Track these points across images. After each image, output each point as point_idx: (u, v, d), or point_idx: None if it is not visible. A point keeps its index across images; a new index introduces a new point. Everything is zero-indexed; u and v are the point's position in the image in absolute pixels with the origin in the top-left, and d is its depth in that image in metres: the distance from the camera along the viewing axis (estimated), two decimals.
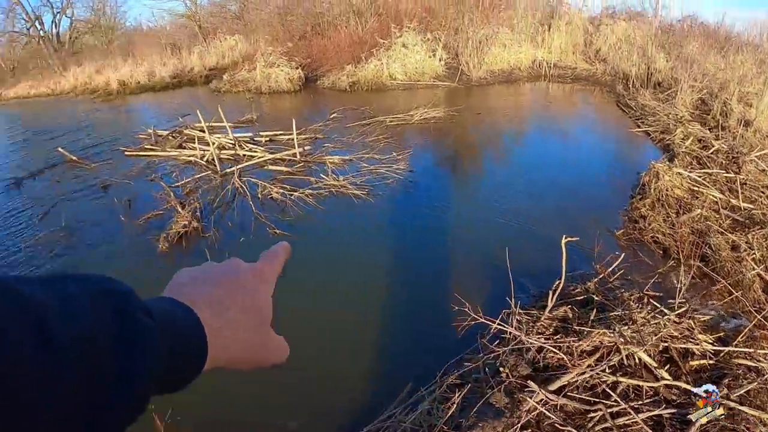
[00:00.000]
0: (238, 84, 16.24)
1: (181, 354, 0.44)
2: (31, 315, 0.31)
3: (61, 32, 40.33)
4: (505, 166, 6.78)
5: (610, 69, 11.91)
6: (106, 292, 0.38)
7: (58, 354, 0.31)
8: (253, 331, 0.53)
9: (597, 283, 3.39)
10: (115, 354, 0.35)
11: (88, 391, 0.33)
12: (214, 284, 0.53)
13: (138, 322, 0.38)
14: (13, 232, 6.82)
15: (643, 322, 2.64)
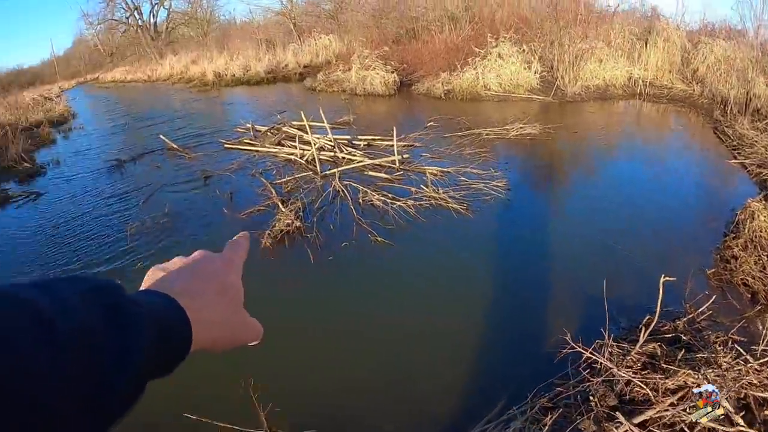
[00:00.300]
0: (333, 84, 16.53)
1: (169, 338, 0.47)
2: (31, 314, 0.34)
3: (158, 22, 42.52)
4: (599, 189, 6.77)
5: (707, 92, 11.41)
6: (94, 288, 0.42)
7: (60, 347, 0.34)
8: (229, 312, 0.58)
9: (686, 322, 3.51)
10: (110, 341, 0.39)
11: (90, 378, 0.36)
12: (188, 273, 0.58)
13: (127, 311, 0.42)
14: (118, 215, 7.35)
15: (727, 367, 2.85)
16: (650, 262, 4.62)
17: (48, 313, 0.35)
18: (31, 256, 6.34)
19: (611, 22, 14.41)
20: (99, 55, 47.42)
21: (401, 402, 3.34)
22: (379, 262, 5.14)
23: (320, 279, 4.95)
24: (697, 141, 9.00)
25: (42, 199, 8.95)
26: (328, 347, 3.98)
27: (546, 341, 3.60)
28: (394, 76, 15.33)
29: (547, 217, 6.01)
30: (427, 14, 18.30)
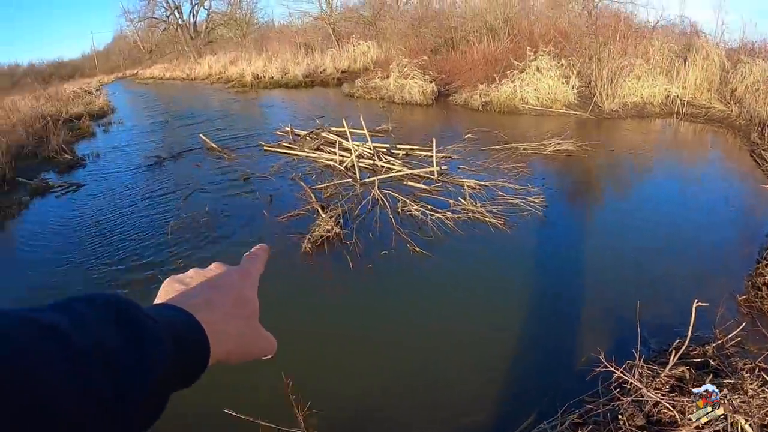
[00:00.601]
0: (371, 91, 16.63)
1: (186, 352, 0.47)
2: (52, 334, 0.35)
3: (197, 22, 43.20)
4: (634, 209, 6.81)
5: (745, 113, 11.22)
6: (109, 304, 0.42)
7: (82, 362, 0.35)
8: (244, 326, 0.58)
9: (715, 348, 3.61)
10: (128, 356, 0.39)
11: (110, 392, 0.37)
12: (204, 286, 0.58)
13: (143, 326, 0.42)
14: (158, 212, 7.60)
15: (753, 394, 2.98)
16: (682, 284, 4.70)
17: (66, 331, 0.36)
18: (72, 248, 6.61)
19: (650, 38, 14.26)
20: (138, 51, 48.37)
21: (434, 409, 3.48)
22: (417, 272, 5.29)
23: (359, 286, 5.13)
24: (733, 163, 8.94)
25: (82, 191, 9.31)
26: (365, 352, 4.15)
27: (578, 358, 3.74)
28: (432, 86, 15.31)
29: (582, 235, 6.08)
30: (466, 25, 18.33)
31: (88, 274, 5.76)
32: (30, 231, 7.48)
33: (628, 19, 15.39)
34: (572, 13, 18.63)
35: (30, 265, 6.28)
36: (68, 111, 17.64)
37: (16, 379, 0.31)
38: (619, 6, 18.25)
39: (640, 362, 3.37)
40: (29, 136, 12.82)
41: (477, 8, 18.83)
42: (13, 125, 13.27)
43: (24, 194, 9.22)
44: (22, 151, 12.00)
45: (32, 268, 6.21)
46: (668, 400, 3.05)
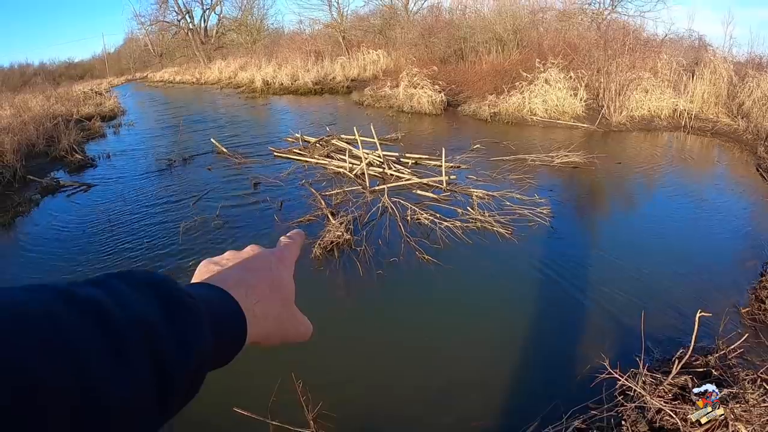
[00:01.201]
0: (381, 99, 16.66)
1: (224, 330, 0.47)
2: (91, 309, 0.34)
3: (208, 27, 43.49)
4: (640, 221, 6.88)
5: (752, 127, 11.24)
6: (148, 282, 0.42)
7: (122, 338, 0.34)
8: (281, 308, 0.58)
9: (717, 358, 3.65)
10: (168, 331, 0.39)
11: (151, 371, 0.36)
12: (241, 268, 0.58)
13: (183, 303, 0.42)
14: (169, 214, 7.66)
15: (754, 403, 3.04)
16: (686, 295, 4.74)
17: (105, 306, 0.35)
18: (82, 248, 6.69)
19: (659, 51, 14.33)
20: (148, 54, 48.76)
21: (439, 413, 3.54)
22: (425, 279, 5.34)
23: (369, 292, 5.18)
24: (739, 178, 8.96)
25: (93, 191, 9.38)
26: (373, 356, 4.20)
27: (582, 366, 3.77)
28: (442, 96, 15.35)
29: (588, 246, 6.12)
30: (476, 35, 18.42)
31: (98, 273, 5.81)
32: (40, 229, 7.58)
33: (636, 32, 15.49)
34: (581, 26, 18.78)
35: (39, 263, 6.36)
36: (79, 111, 17.81)
37: (56, 356, 0.30)
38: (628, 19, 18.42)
39: (643, 370, 3.42)
40: (40, 135, 12.92)
41: (487, 19, 18.96)
42: (24, 123, 13.35)
43: (34, 192, 9.30)
44: (32, 149, 12.11)
45: (41, 265, 6.29)
46: (671, 407, 3.10)
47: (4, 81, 36.26)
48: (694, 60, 14.18)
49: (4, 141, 10.69)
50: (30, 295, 0.32)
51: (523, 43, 17.00)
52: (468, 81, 16.22)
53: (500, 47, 17.25)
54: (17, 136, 11.53)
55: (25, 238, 7.29)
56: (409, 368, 4.03)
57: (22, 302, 0.31)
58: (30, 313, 0.31)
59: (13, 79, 41.51)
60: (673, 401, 3.22)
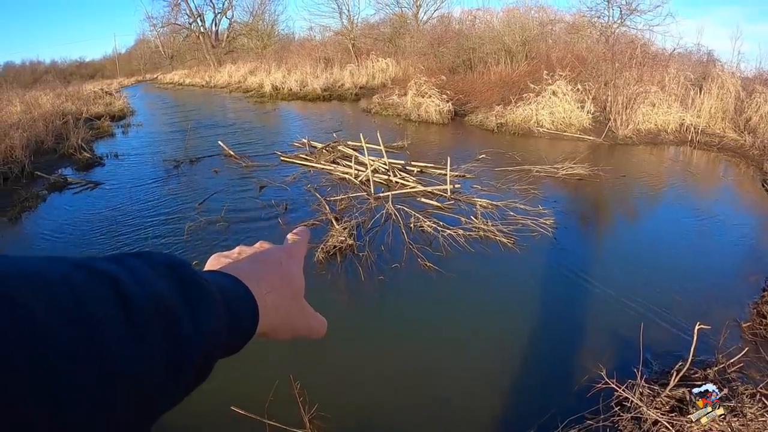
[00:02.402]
0: (388, 107, 16.68)
1: (236, 316, 0.47)
2: (109, 283, 0.34)
3: (219, 31, 43.66)
4: (643, 234, 6.87)
5: (759, 143, 11.19)
6: (165, 263, 0.42)
7: (138, 313, 0.34)
8: (291, 302, 0.58)
9: (717, 372, 3.65)
10: (184, 312, 0.39)
11: (166, 347, 0.36)
12: (252, 260, 0.59)
13: (199, 284, 0.42)
14: (175, 214, 7.71)
15: (752, 417, 3.04)
16: (687, 309, 4.72)
17: (124, 280, 0.35)
18: (88, 244, 6.75)
19: (666, 65, 14.32)
20: (159, 56, 48.99)
21: (436, 420, 3.55)
22: (426, 286, 5.35)
23: (370, 296, 5.21)
24: (744, 193, 8.95)
25: (100, 189, 9.48)
26: (372, 360, 4.22)
27: (580, 376, 3.77)
28: (449, 106, 15.32)
29: (590, 258, 6.11)
30: (485, 46, 18.44)
31: None
32: (46, 224, 7.65)
33: (645, 46, 15.49)
34: (590, 39, 18.81)
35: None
36: (88, 110, 17.95)
37: (74, 321, 0.31)
38: (636, 33, 18.43)
39: (641, 381, 3.42)
40: (49, 132, 13.06)
41: (496, 30, 19.00)
42: (33, 120, 13.48)
43: (42, 188, 9.38)
44: (41, 146, 12.26)
45: None
46: (668, 419, 3.11)
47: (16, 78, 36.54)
48: (701, 75, 14.15)
49: (13, 137, 10.82)
50: (49, 263, 0.33)
51: (532, 55, 17.03)
52: (476, 91, 16.21)
53: (509, 58, 17.28)
54: (27, 133, 11.67)
55: (31, 232, 7.36)
56: (406, 373, 4.03)
57: (41, 269, 0.32)
58: (48, 279, 0.31)
59: (24, 76, 41.90)
60: (670, 413, 3.22)
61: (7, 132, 11.05)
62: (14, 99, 16.96)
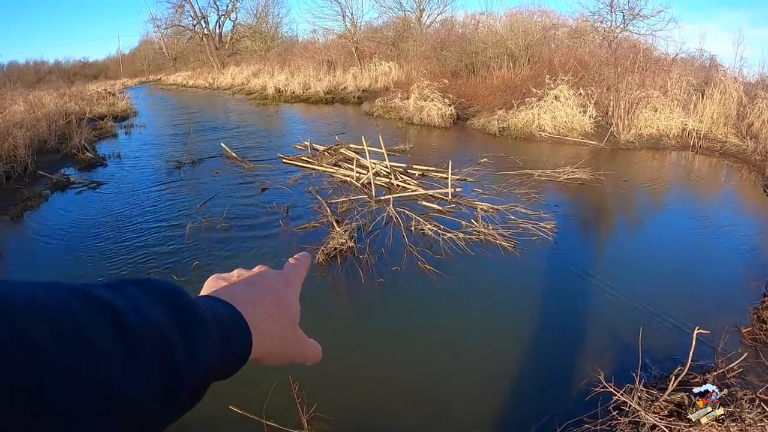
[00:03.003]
0: (391, 110, 16.69)
1: (229, 343, 0.48)
2: (106, 309, 0.35)
3: (223, 33, 43.67)
4: (644, 239, 6.86)
5: (761, 148, 11.17)
6: (160, 290, 0.43)
7: (134, 340, 0.35)
8: (286, 328, 0.59)
9: (716, 376, 3.65)
10: (180, 340, 0.40)
11: (161, 375, 0.37)
12: (248, 285, 0.59)
13: (194, 313, 0.43)
14: (176, 214, 7.73)
15: (750, 422, 3.04)
16: (687, 314, 4.71)
17: (120, 308, 0.36)
18: (89, 245, 6.72)
19: (669, 70, 14.33)
20: (163, 57, 49.08)
21: (433, 422, 3.56)
22: (426, 289, 5.35)
23: (369, 298, 5.21)
24: (746, 199, 8.94)
25: (102, 189, 9.50)
26: (370, 362, 4.22)
27: (579, 380, 3.77)
28: (451, 109, 15.35)
29: (590, 262, 6.08)
30: (487, 50, 18.43)
31: (103, 271, 5.87)
32: (48, 223, 7.67)
33: (647, 51, 15.49)
34: (593, 44, 18.80)
35: (46, 256, 6.46)
36: (92, 111, 18.02)
37: (71, 347, 0.31)
38: (639, 38, 18.43)
39: (639, 386, 3.42)
40: (52, 131, 13.10)
41: (499, 35, 18.99)
42: (37, 119, 13.52)
43: (44, 188, 9.41)
44: (44, 145, 12.30)
45: (48, 258, 6.39)
46: (666, 423, 3.11)
47: (20, 77, 36.58)
48: (704, 80, 14.15)
49: (16, 136, 10.82)
50: (47, 289, 0.33)
51: (534, 59, 17.03)
52: (478, 95, 16.26)
53: (511, 62, 17.29)
54: (30, 132, 11.70)
55: (33, 231, 7.35)
56: (405, 375, 4.04)
57: (39, 294, 0.32)
58: (46, 304, 0.32)
59: (28, 76, 41.96)
60: (669, 418, 3.22)
61: (11, 131, 11.06)
62: (18, 98, 17.03)
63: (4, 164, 10.05)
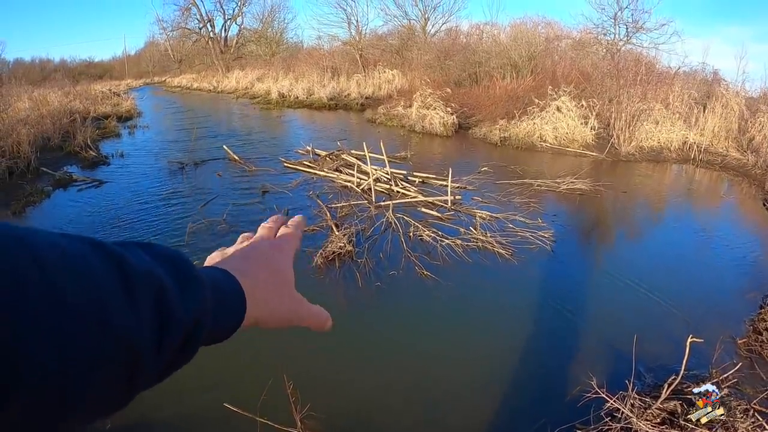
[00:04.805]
0: (393, 118, 16.76)
1: (224, 303, 0.51)
2: (114, 257, 0.39)
3: (229, 37, 43.89)
4: (641, 250, 6.87)
5: (761, 162, 11.21)
6: (163, 252, 0.47)
7: (134, 281, 0.39)
8: (280, 291, 0.61)
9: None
10: (174, 287, 0.43)
11: (155, 314, 0.41)
12: (240, 257, 0.63)
13: (189, 270, 0.47)
14: (177, 214, 7.78)
15: None
16: (683, 324, 4.73)
17: (125, 258, 0.40)
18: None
19: (671, 83, 14.40)
20: (168, 59, 49.17)
21: (427, 426, 3.57)
22: (422, 294, 5.37)
23: (366, 302, 5.21)
24: (745, 212, 8.97)
25: (104, 187, 9.55)
26: (366, 365, 4.23)
27: (572, 387, 3.78)
28: (453, 118, 15.40)
29: (587, 271, 6.13)
30: (491, 60, 18.53)
31: None
32: (50, 220, 7.72)
33: (650, 64, 15.54)
34: (596, 56, 18.88)
35: None
36: (96, 110, 18.13)
37: (85, 285, 0.36)
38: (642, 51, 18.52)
39: (632, 393, 3.44)
40: (56, 129, 13.17)
41: (503, 45, 19.10)
42: (41, 117, 13.59)
43: (47, 184, 9.46)
44: (48, 143, 12.38)
45: None
46: (658, 431, 3.12)
47: (25, 75, 36.68)
48: (706, 93, 14.24)
49: (20, 132, 10.89)
50: (69, 240, 0.38)
51: (537, 70, 17.11)
52: (480, 105, 16.27)
53: (514, 73, 17.37)
54: (34, 129, 11.79)
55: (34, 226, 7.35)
56: (399, 379, 4.04)
57: (64, 243, 0.37)
58: (68, 251, 0.37)
59: (33, 74, 42.03)
60: (661, 425, 3.23)
61: (15, 127, 11.11)
62: (23, 95, 17.10)
63: (8, 160, 10.11)
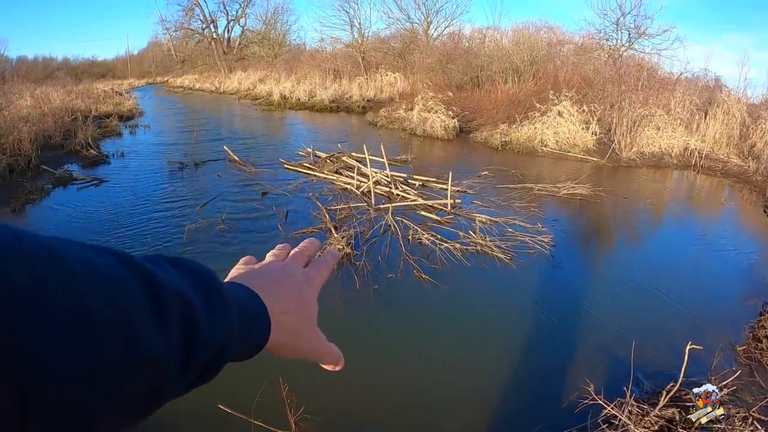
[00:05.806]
0: (394, 121, 16.76)
1: (249, 327, 0.51)
2: (145, 276, 0.39)
3: (231, 38, 44.00)
4: (641, 256, 6.85)
5: (762, 168, 11.20)
6: (194, 270, 0.47)
7: (165, 304, 0.39)
8: (303, 324, 0.61)
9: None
10: (203, 311, 0.43)
11: (183, 336, 0.40)
12: (270, 278, 0.61)
13: (219, 291, 0.47)
14: (176, 214, 7.76)
15: None
16: (682, 331, 4.69)
17: (157, 278, 0.40)
18: (89, 239, 6.59)
19: (673, 89, 14.40)
20: (170, 59, 49.15)
21: (423, 431, 3.56)
22: (420, 298, 5.36)
23: (363, 305, 5.19)
24: (746, 219, 8.95)
25: (104, 186, 9.56)
26: (362, 368, 4.17)
27: (570, 393, 3.75)
28: (455, 122, 15.39)
29: (586, 277, 6.12)
30: (493, 64, 18.54)
31: None
32: (49, 218, 7.72)
33: (652, 69, 15.55)
34: (598, 61, 18.89)
35: None
36: (98, 109, 18.14)
37: (114, 304, 0.35)
38: (644, 56, 18.52)
39: (630, 400, 3.42)
40: (58, 127, 13.16)
41: (505, 49, 19.12)
42: (43, 115, 13.63)
43: (47, 182, 9.46)
44: (49, 141, 12.36)
45: None
46: None
47: (28, 72, 36.79)
48: (707, 100, 14.24)
49: (22, 130, 10.90)
50: (97, 252, 0.37)
51: (539, 75, 17.09)
52: (482, 108, 16.28)
53: (516, 77, 17.37)
54: (35, 127, 11.80)
55: (34, 225, 7.38)
56: (396, 383, 4.03)
57: (91, 257, 0.36)
58: (98, 266, 0.36)
59: (36, 72, 42.13)
60: None
61: (16, 125, 11.15)
62: (25, 93, 17.11)
63: (8, 157, 10.10)
